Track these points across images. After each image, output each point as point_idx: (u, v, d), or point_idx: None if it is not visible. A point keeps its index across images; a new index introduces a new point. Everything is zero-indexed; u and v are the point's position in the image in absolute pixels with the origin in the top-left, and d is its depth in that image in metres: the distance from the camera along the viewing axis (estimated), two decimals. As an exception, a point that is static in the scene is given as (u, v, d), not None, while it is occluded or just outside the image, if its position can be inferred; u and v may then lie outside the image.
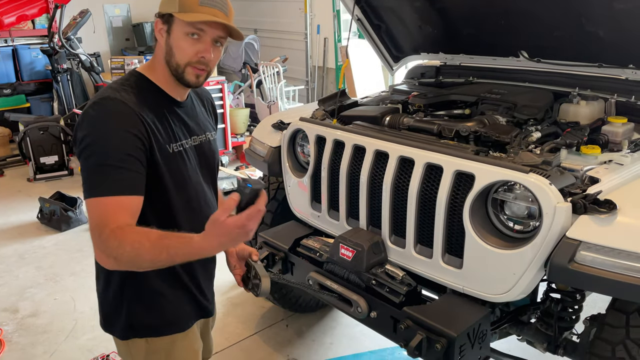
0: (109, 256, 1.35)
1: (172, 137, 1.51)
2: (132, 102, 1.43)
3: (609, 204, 1.60)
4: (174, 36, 1.46)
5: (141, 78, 1.53)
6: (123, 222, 1.34)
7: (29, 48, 7.38)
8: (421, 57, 3.17)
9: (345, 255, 2.10)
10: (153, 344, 1.60)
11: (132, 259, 1.34)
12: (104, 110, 1.40)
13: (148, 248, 1.33)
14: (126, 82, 1.50)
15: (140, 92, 1.48)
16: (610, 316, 1.75)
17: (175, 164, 1.52)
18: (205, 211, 1.65)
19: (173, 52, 1.47)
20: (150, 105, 1.47)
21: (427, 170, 1.96)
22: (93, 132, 1.38)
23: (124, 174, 1.39)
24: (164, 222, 1.53)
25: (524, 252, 1.72)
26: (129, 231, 1.36)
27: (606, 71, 2.42)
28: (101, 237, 1.33)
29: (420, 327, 1.81)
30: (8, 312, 3.43)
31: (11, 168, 6.35)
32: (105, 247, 1.34)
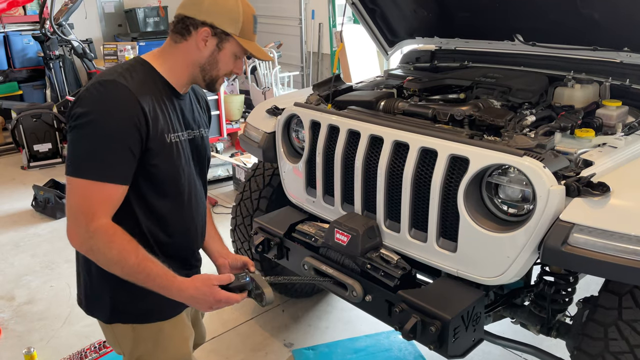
0: (87, 245, 1.38)
1: (170, 128, 1.52)
2: (135, 89, 1.43)
3: (603, 187, 1.60)
4: (224, 52, 1.55)
5: (147, 66, 1.53)
6: (108, 215, 1.38)
7: (20, 34, 7.30)
8: (416, 41, 3.15)
9: (340, 240, 2.11)
10: (140, 332, 1.60)
11: (110, 261, 1.38)
12: (107, 93, 1.40)
13: (132, 263, 1.38)
14: (132, 68, 1.50)
15: (145, 79, 1.49)
16: (603, 298, 1.76)
17: (170, 154, 1.53)
18: (195, 205, 1.67)
19: (217, 66, 1.56)
20: (152, 93, 1.48)
21: (422, 155, 1.96)
22: (93, 112, 1.38)
23: (116, 161, 1.39)
24: (152, 213, 1.54)
25: (517, 235, 1.73)
26: (121, 236, 1.39)
27: (601, 54, 2.42)
28: (88, 226, 1.36)
29: (414, 310, 1.82)
30: (4, 299, 3.43)
31: (4, 156, 6.32)
32: (89, 236, 1.36)
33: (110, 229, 1.38)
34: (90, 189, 1.37)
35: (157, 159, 1.48)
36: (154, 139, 1.46)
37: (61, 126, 5.99)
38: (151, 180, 1.50)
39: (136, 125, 1.40)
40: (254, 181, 2.96)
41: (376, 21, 3.06)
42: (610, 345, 1.66)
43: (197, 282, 1.46)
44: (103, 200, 1.38)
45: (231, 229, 3.07)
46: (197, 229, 1.71)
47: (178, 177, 1.57)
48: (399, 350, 2.86)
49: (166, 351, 1.64)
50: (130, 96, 1.41)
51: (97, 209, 1.37)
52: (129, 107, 1.40)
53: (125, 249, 1.38)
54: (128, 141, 1.40)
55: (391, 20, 3.05)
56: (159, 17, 8.21)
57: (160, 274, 1.42)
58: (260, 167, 2.99)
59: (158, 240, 1.58)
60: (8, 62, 7.27)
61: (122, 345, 1.65)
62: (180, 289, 1.44)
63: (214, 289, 1.46)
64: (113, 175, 1.39)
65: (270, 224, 2.45)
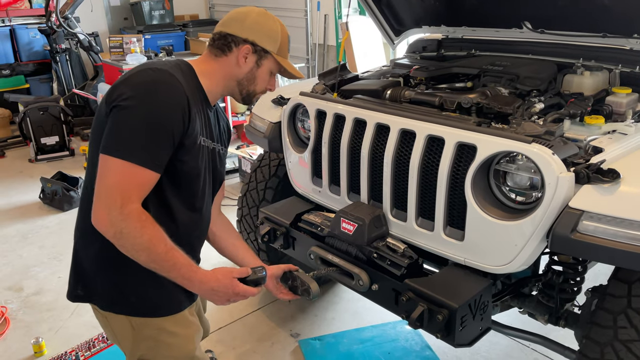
0: (116, 227, 1.36)
1: (202, 130, 1.57)
2: (185, 85, 1.48)
3: (613, 173, 1.58)
4: (262, 69, 1.64)
5: (191, 70, 1.58)
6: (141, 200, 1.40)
7: (26, 28, 7.31)
8: (423, 30, 3.12)
9: (346, 229, 2.10)
10: (140, 331, 1.59)
11: (139, 245, 1.37)
12: (161, 79, 1.43)
13: (160, 250, 1.39)
14: (178, 67, 1.54)
15: (190, 82, 1.54)
16: (612, 286, 1.74)
17: (197, 155, 1.56)
18: (202, 214, 1.68)
19: (255, 81, 1.65)
20: (194, 95, 1.53)
21: (429, 143, 1.94)
22: (144, 94, 1.39)
23: (159, 148, 1.41)
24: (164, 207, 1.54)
25: (526, 223, 1.71)
26: (153, 223, 1.40)
27: (610, 41, 2.38)
28: (123, 208, 1.35)
29: (421, 299, 1.81)
30: (12, 290, 3.45)
31: (12, 149, 6.35)
32: (121, 219, 1.35)
33: (143, 215, 1.39)
34: (131, 172, 1.37)
35: (187, 155, 1.51)
36: (190, 135, 1.49)
37: (68, 119, 6.00)
38: (173, 177, 1.51)
39: (182, 116, 1.44)
40: (260, 172, 2.95)
41: (382, 10, 3.03)
42: (620, 333, 1.64)
43: (219, 275, 1.51)
44: (140, 185, 1.39)
45: (237, 220, 3.07)
46: (199, 233, 1.73)
47: (197, 178, 1.60)
48: (405, 340, 2.85)
49: (170, 349, 1.64)
50: (181, 89, 1.45)
51: (133, 193, 1.37)
52: (179, 99, 1.44)
53: (156, 236, 1.39)
54: (173, 131, 1.43)
55: (397, 9, 3.02)
56: (164, 10, 8.20)
57: (185, 264, 1.44)
58: (266, 158, 2.98)
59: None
60: (15, 56, 7.29)
61: (123, 342, 1.64)
62: (202, 281, 1.47)
63: (234, 282, 1.51)
64: (154, 162, 1.40)
65: (276, 214, 2.44)
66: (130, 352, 1.64)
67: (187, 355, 1.68)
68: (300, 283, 1.87)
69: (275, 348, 2.86)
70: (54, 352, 2.84)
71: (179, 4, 8.41)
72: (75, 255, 1.62)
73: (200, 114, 1.56)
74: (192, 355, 1.69)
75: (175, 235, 1.57)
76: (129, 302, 1.57)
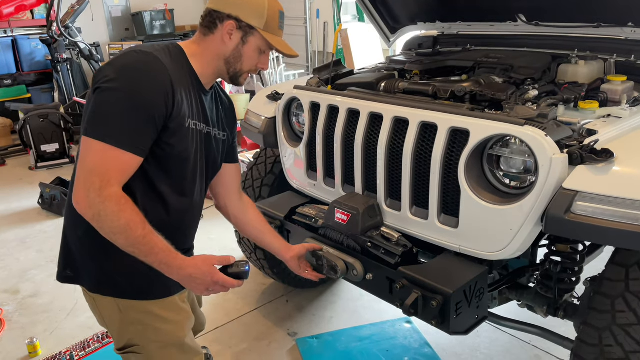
0: (95, 209, 1.35)
1: (190, 114, 1.54)
2: (171, 66, 1.46)
3: (606, 153, 1.56)
4: (248, 46, 1.57)
5: (181, 52, 1.55)
6: (121, 184, 1.38)
7: (28, 38, 7.38)
8: (418, 27, 3.12)
9: (340, 219, 2.08)
10: (127, 314, 1.57)
11: (116, 229, 1.36)
12: (144, 61, 1.42)
13: (138, 234, 1.37)
14: (167, 49, 1.52)
15: (179, 64, 1.52)
16: (610, 270, 1.71)
17: (185, 137, 1.53)
18: (191, 199, 1.65)
19: (241, 60, 1.58)
20: (183, 78, 1.50)
21: (422, 130, 1.93)
22: (126, 78, 1.38)
23: (140, 131, 1.39)
24: (152, 192, 1.53)
25: (520, 207, 1.69)
26: (132, 207, 1.38)
27: (605, 31, 2.37)
28: (102, 191, 1.34)
29: (415, 286, 1.78)
30: (8, 293, 3.43)
31: (13, 157, 6.37)
32: (100, 201, 1.34)
33: (122, 198, 1.37)
34: (110, 154, 1.36)
35: (173, 138, 1.49)
36: (175, 118, 1.47)
37: (68, 126, 6.02)
38: (160, 161, 1.50)
39: (165, 100, 1.42)
40: (256, 169, 2.94)
41: (377, 7, 3.04)
42: (618, 317, 1.61)
43: (198, 261, 1.47)
44: (120, 168, 1.38)
45: (234, 219, 3.05)
46: (191, 218, 1.71)
47: (186, 162, 1.57)
48: (404, 338, 2.81)
49: (157, 333, 1.61)
50: (164, 71, 1.43)
51: (112, 176, 1.36)
52: (162, 81, 1.42)
53: (134, 220, 1.37)
54: (155, 114, 1.41)
55: (392, 6, 3.02)
56: (165, 20, 8.27)
57: (164, 249, 1.41)
58: (262, 156, 2.97)
59: (153, 224, 1.55)
60: (16, 66, 7.35)
61: (110, 325, 1.62)
62: (180, 267, 1.43)
63: (214, 270, 1.47)
64: (135, 145, 1.39)
65: (271, 208, 2.43)
66: (118, 336, 1.62)
67: (176, 342, 1.64)
68: (326, 262, 1.94)
69: (273, 347, 2.82)
70: (48, 352, 2.81)
71: (179, 14, 8.48)
72: (64, 237, 1.61)
73: (190, 96, 1.53)
74: (182, 343, 1.66)
75: (166, 220, 1.57)
76: (115, 284, 1.55)
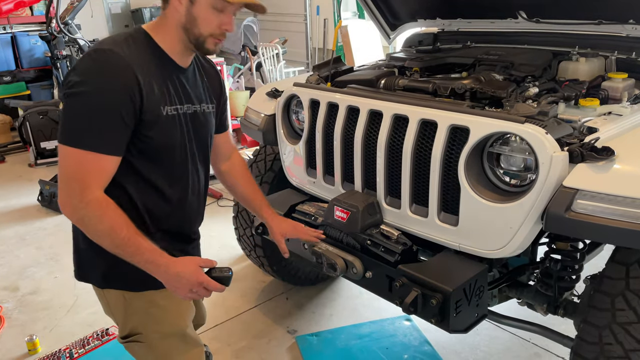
0: (78, 214, 1.38)
1: (167, 100, 1.50)
2: (132, 58, 1.41)
3: (607, 151, 1.55)
4: (198, 7, 1.44)
5: (147, 37, 1.50)
6: (102, 187, 1.39)
7: (27, 35, 7.36)
8: (418, 24, 3.11)
9: (340, 217, 2.07)
10: (131, 302, 1.58)
11: (100, 232, 1.38)
12: (103, 62, 1.39)
13: (122, 236, 1.38)
14: (130, 38, 1.48)
15: (144, 50, 1.47)
16: (610, 269, 1.70)
17: (166, 127, 1.50)
18: (190, 182, 1.63)
19: (197, 23, 1.46)
20: (150, 65, 1.46)
21: (422, 127, 1.92)
22: (87, 81, 1.36)
23: (110, 132, 1.38)
24: (147, 188, 1.52)
25: (520, 205, 1.68)
26: (114, 210, 1.39)
27: (606, 28, 2.36)
28: (82, 196, 1.36)
29: (415, 284, 1.77)
30: (8, 290, 3.43)
31: (12, 154, 6.36)
32: (82, 207, 1.36)
33: (104, 202, 1.38)
34: (85, 158, 1.36)
35: (152, 131, 1.46)
36: (148, 110, 1.43)
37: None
38: (145, 153, 1.49)
39: (130, 95, 1.39)
40: (256, 167, 2.93)
41: (377, 3, 3.02)
42: (618, 316, 1.60)
43: (184, 261, 1.46)
44: (97, 170, 1.38)
45: (233, 216, 3.04)
46: (196, 203, 1.69)
47: (172, 149, 1.54)
48: (404, 335, 2.81)
49: (160, 323, 1.62)
50: (125, 66, 1.39)
51: (91, 180, 1.37)
52: (123, 76, 1.38)
53: (117, 222, 1.38)
54: (122, 112, 1.38)
55: (393, 2, 3.01)
56: (165, 17, 8.24)
57: (149, 249, 1.41)
58: (262, 153, 2.96)
59: (154, 215, 1.56)
60: (16, 63, 7.33)
61: (115, 314, 1.63)
62: (167, 265, 1.43)
63: (199, 270, 1.46)
64: (107, 146, 1.38)
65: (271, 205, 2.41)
66: (122, 324, 1.64)
67: (177, 332, 1.65)
68: (325, 260, 1.93)
69: (272, 345, 2.82)
70: (48, 350, 2.80)
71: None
72: (73, 236, 1.63)
73: (163, 82, 1.48)
74: (184, 333, 1.67)
75: (169, 211, 1.57)
76: (120, 277, 1.55)
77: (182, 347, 1.67)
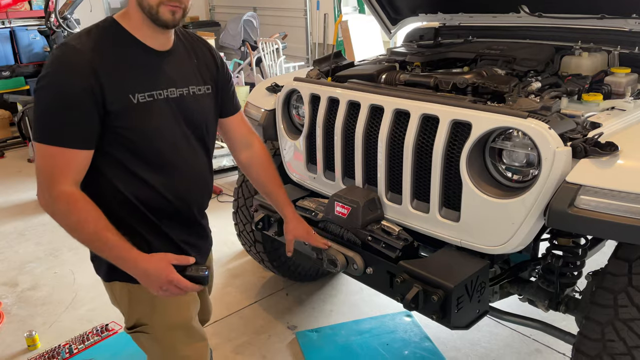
0: (50, 208, 1.41)
1: (138, 87, 1.45)
2: (90, 49, 1.39)
3: (611, 146, 1.54)
4: None
5: (113, 24, 1.47)
6: (72, 181, 1.39)
7: (26, 30, 7.33)
8: (419, 18, 3.08)
9: (340, 212, 2.06)
10: (135, 293, 1.58)
11: (69, 226, 1.40)
12: (61, 57, 1.39)
13: (89, 231, 1.39)
14: (95, 28, 1.46)
15: (108, 39, 1.44)
16: (612, 265, 1.69)
17: (139, 115, 1.45)
18: (182, 168, 1.58)
19: None
20: (113, 52, 1.43)
21: (423, 122, 1.90)
22: (47, 76, 1.38)
23: (72, 125, 1.38)
24: (136, 180, 1.50)
25: (523, 200, 1.66)
26: (82, 204, 1.39)
27: (609, 23, 2.34)
28: (50, 191, 1.38)
29: (416, 280, 1.76)
30: (7, 286, 3.42)
31: (12, 149, 6.35)
32: (51, 201, 1.39)
33: (72, 197, 1.39)
34: (50, 153, 1.38)
35: (123, 120, 1.43)
36: (112, 100, 1.40)
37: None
38: (126, 145, 1.46)
39: (88, 88, 1.36)
40: (256, 162, 2.91)
41: (378, -2, 3.00)
42: (620, 312, 1.59)
43: (154, 257, 1.44)
44: (63, 165, 1.38)
45: (233, 212, 3.03)
46: (195, 185, 1.64)
47: (152, 138, 1.49)
48: (404, 331, 2.80)
49: (164, 314, 1.61)
50: (82, 59, 1.37)
51: (58, 174, 1.38)
52: (79, 70, 1.36)
53: (83, 217, 1.38)
54: (82, 105, 1.37)
55: (394, -3, 2.99)
56: (164, 12, 8.20)
57: (117, 244, 1.40)
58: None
59: (151, 206, 1.54)
60: (15, 57, 7.31)
61: (121, 305, 1.63)
62: (136, 261, 1.42)
63: (170, 268, 1.43)
64: (70, 140, 1.38)
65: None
66: (128, 315, 1.64)
67: (182, 324, 1.65)
68: (326, 256, 1.96)
69: (272, 340, 2.81)
70: (47, 345, 2.80)
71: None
72: None
73: (132, 68, 1.44)
74: (189, 325, 1.67)
75: (167, 200, 1.55)
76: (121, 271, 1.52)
77: (187, 340, 1.67)
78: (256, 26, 7.63)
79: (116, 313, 2.95)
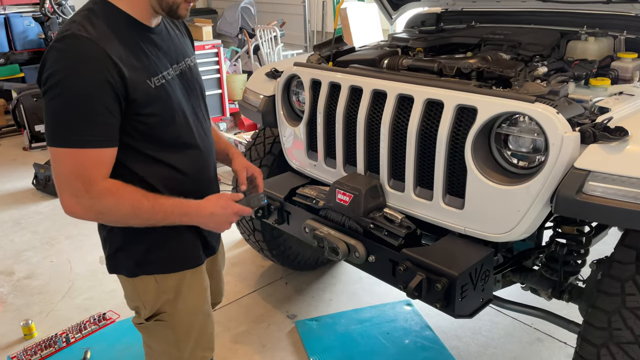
0: (93, 210, 1.35)
1: (151, 71, 1.40)
2: (100, 37, 1.30)
3: (620, 131, 1.50)
4: None
5: (107, 5, 1.38)
6: (106, 176, 1.35)
7: (21, 16, 7.20)
8: (421, 3, 3.04)
9: (342, 200, 2.02)
10: (163, 282, 1.56)
11: (125, 216, 1.36)
12: (70, 50, 1.27)
13: (147, 208, 1.36)
14: (91, 13, 1.35)
15: (109, 23, 1.35)
16: (619, 253, 1.66)
17: (158, 100, 1.42)
18: (201, 142, 1.58)
19: None
20: (121, 37, 1.35)
21: (427, 107, 1.86)
22: (59, 74, 1.25)
23: (96, 124, 1.30)
24: (153, 164, 1.47)
25: (529, 187, 1.63)
26: (126, 190, 1.36)
27: (615, 8, 2.30)
28: (90, 192, 1.31)
29: (419, 268, 1.73)
30: (3, 274, 3.38)
31: (7, 138, 6.28)
32: (94, 202, 1.33)
33: (114, 187, 1.35)
34: (78, 156, 1.30)
35: (146, 108, 1.38)
36: (135, 89, 1.34)
37: (62, 106, 5.91)
38: (147, 134, 1.42)
39: (108, 80, 1.28)
40: (255, 150, 2.87)
41: (379, -18, 2.95)
42: (628, 300, 1.56)
43: (213, 198, 1.50)
44: (95, 165, 1.33)
45: (232, 200, 2.99)
46: (210, 160, 1.66)
47: (172, 120, 1.47)
48: (404, 320, 2.78)
49: (186, 300, 1.60)
50: (96, 49, 1.28)
51: (92, 174, 1.32)
52: (96, 62, 1.27)
53: (135, 199, 1.36)
54: (104, 100, 1.29)
55: (395, -19, 2.94)
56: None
57: (176, 204, 1.42)
58: (261, 135, 2.90)
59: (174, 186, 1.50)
60: (9, 44, 7.19)
61: (144, 297, 1.58)
62: (198, 208, 1.45)
63: (230, 202, 1.50)
64: (97, 140, 1.31)
65: (270, 189, 2.36)
66: (150, 305, 1.58)
67: (202, 309, 1.66)
68: (327, 243, 1.94)
69: (272, 329, 2.79)
70: (44, 334, 2.77)
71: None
72: (99, 231, 1.60)
73: (140, 51, 1.39)
74: (207, 310, 1.68)
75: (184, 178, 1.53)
76: (151, 262, 1.54)
77: (205, 322, 1.68)
78: (254, 13, 7.54)
79: (114, 302, 2.97)
